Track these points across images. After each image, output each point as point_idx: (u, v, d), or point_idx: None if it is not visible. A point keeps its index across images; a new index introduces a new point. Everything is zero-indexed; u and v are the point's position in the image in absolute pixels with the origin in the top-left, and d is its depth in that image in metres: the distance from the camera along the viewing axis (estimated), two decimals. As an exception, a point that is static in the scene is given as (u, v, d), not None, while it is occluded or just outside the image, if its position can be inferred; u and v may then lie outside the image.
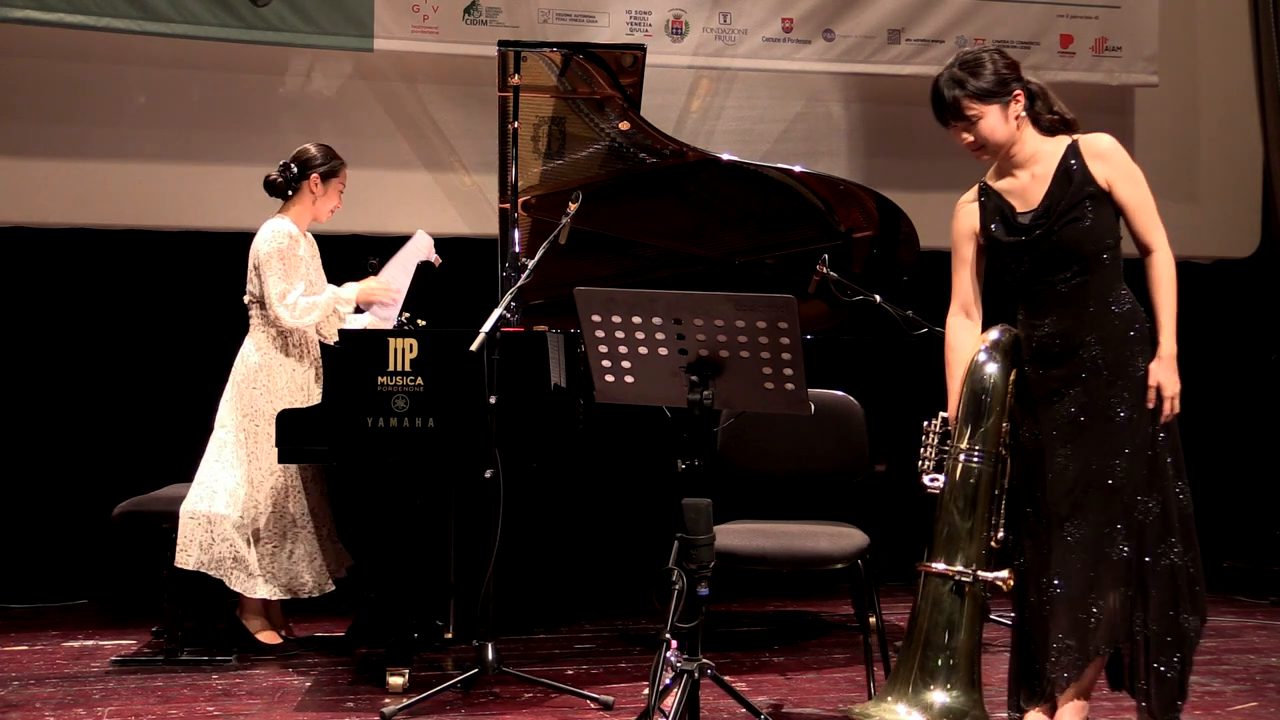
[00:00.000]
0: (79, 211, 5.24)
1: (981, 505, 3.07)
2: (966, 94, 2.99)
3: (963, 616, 3.03)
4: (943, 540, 3.08)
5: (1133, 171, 3.04)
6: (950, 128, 3.08)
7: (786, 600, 5.36)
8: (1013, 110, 3.03)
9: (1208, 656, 4.31)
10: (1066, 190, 3.00)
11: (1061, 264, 3.01)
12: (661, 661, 2.83)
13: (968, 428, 3.10)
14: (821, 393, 3.58)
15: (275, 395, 4.26)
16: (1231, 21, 6.31)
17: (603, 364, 2.96)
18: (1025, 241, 3.03)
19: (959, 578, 3.03)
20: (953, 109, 3.02)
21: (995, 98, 3.00)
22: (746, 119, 5.75)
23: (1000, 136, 3.03)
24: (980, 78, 3.00)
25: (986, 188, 3.14)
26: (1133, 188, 3.03)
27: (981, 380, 3.12)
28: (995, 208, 3.10)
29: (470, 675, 3.69)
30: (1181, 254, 6.77)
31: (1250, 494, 6.23)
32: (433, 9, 5.31)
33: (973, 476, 3.07)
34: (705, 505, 2.85)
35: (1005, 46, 5.73)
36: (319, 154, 4.42)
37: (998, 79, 3.01)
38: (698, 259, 4.75)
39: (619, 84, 4.37)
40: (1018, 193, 3.08)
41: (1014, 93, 3.02)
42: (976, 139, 3.04)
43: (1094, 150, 3.04)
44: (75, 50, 5.15)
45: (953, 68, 3.04)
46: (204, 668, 4.13)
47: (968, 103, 3.00)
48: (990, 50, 3.08)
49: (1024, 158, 3.07)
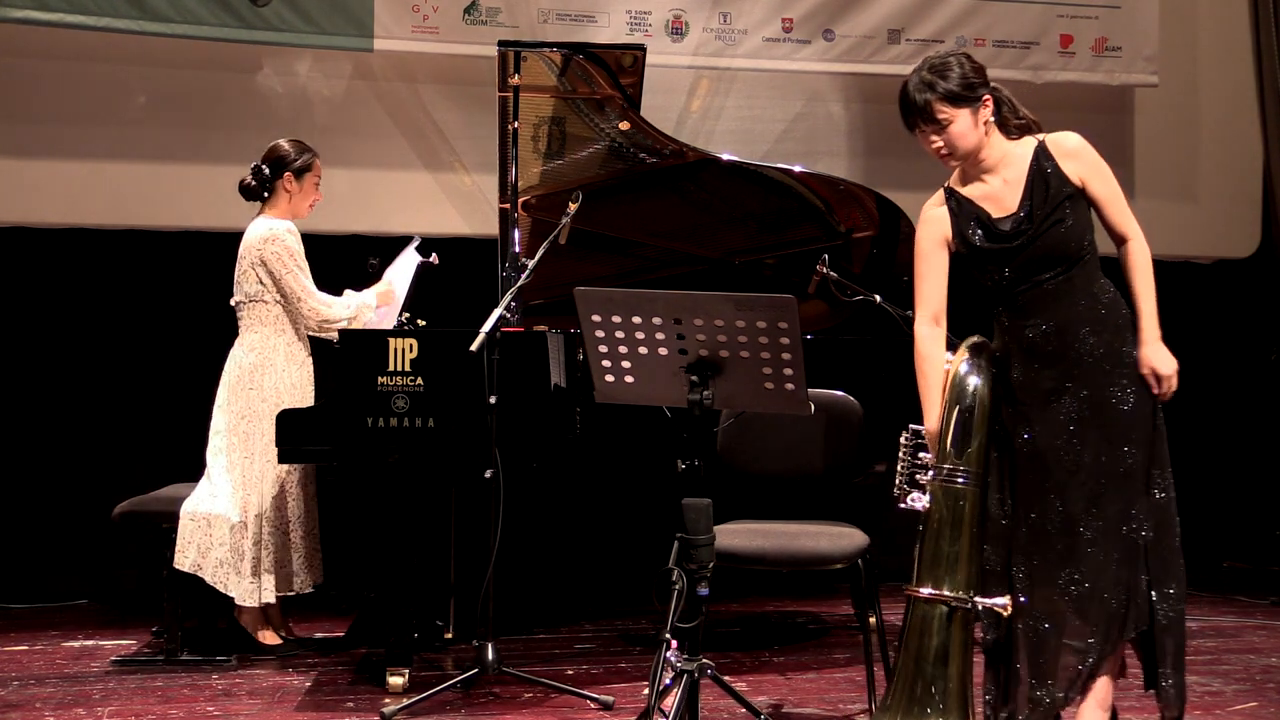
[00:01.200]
0: (78, 211, 5.24)
1: (970, 528, 3.00)
2: (937, 96, 2.95)
3: (954, 643, 2.96)
4: (929, 564, 3.00)
5: (1102, 167, 3.03)
6: (918, 132, 3.03)
7: (786, 600, 5.36)
8: (982, 115, 2.99)
9: (1208, 656, 4.31)
10: (1045, 194, 2.98)
11: (1046, 266, 2.99)
12: (661, 661, 2.83)
13: (953, 447, 3.03)
14: (821, 393, 3.58)
15: (268, 396, 4.26)
16: (1231, 21, 6.31)
17: (603, 364, 2.96)
18: (1010, 248, 3.01)
19: (954, 604, 2.96)
20: (923, 112, 2.97)
21: (965, 102, 2.96)
22: (746, 119, 5.75)
23: (969, 142, 2.99)
24: (950, 80, 2.96)
25: (954, 193, 3.08)
26: (1103, 183, 3.01)
27: (966, 396, 3.04)
28: (970, 214, 3.06)
29: (470, 675, 3.69)
30: (1181, 254, 6.82)
31: (1250, 494, 6.23)
32: (433, 9, 5.31)
33: (961, 498, 2.99)
34: (705, 505, 2.85)
35: (1005, 46, 5.81)
36: (290, 150, 4.39)
37: (967, 83, 2.97)
38: (698, 259, 4.75)
39: (619, 84, 4.36)
40: (991, 199, 3.04)
41: (983, 97, 3.00)
42: (945, 143, 2.99)
43: (1064, 150, 3.01)
44: (75, 50, 5.15)
45: (921, 71, 3.01)
46: (204, 668, 4.13)
47: (939, 106, 2.95)
48: (957, 54, 3.05)
49: (992, 162, 3.04)
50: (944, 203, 3.10)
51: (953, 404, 3.05)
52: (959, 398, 3.05)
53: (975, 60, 3.04)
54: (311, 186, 4.44)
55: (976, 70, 3.01)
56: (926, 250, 3.11)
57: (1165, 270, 6.50)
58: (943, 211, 3.09)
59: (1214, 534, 6.20)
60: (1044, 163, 2.99)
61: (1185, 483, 6.71)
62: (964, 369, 3.07)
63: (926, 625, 2.97)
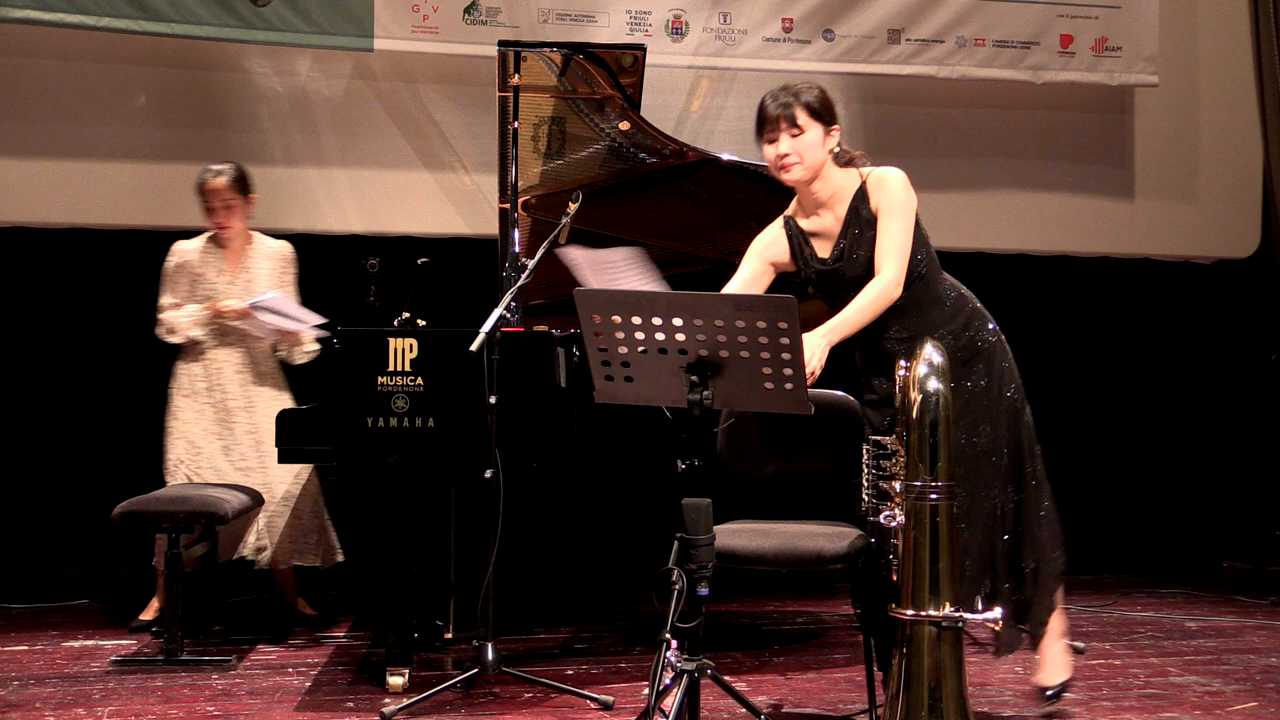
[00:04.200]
0: (79, 211, 5.24)
1: (948, 543, 2.99)
2: (801, 103, 3.22)
3: (946, 660, 2.95)
4: (913, 585, 2.98)
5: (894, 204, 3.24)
6: (767, 136, 3.27)
7: (786, 600, 5.36)
8: (829, 140, 3.26)
9: (1208, 656, 4.31)
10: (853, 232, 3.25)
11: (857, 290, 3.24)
12: (661, 661, 2.83)
13: (921, 463, 3.02)
14: (821, 393, 3.58)
15: None
16: (1231, 21, 6.31)
17: (602, 364, 2.96)
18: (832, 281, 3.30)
19: (944, 624, 2.95)
20: (785, 115, 3.22)
21: (820, 120, 3.24)
22: (746, 119, 5.66)
23: (815, 156, 3.24)
24: (810, 96, 3.25)
25: (791, 222, 3.38)
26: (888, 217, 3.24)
27: (933, 409, 3.02)
28: (802, 245, 3.35)
29: (470, 675, 3.69)
30: (1181, 254, 6.82)
31: (1250, 494, 6.23)
32: (433, 9, 5.31)
33: (936, 514, 2.99)
34: (705, 505, 2.85)
35: (1005, 47, 5.81)
36: None
37: (825, 104, 3.26)
38: (698, 259, 4.74)
39: (619, 84, 4.36)
40: (820, 233, 3.33)
41: (833, 126, 3.27)
42: (794, 151, 3.22)
43: (871, 185, 3.27)
44: (75, 50, 5.15)
45: (784, 86, 3.30)
46: (204, 668, 4.13)
47: (799, 111, 3.22)
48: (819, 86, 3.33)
49: (825, 197, 3.30)
50: (782, 227, 3.40)
51: (921, 417, 3.03)
52: (925, 409, 3.03)
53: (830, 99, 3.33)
54: (204, 208, 4.69)
55: (831, 104, 3.31)
56: (750, 255, 3.40)
57: (1165, 270, 6.55)
58: (780, 230, 3.39)
59: (1214, 534, 6.20)
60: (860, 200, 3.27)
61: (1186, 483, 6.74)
62: (922, 370, 3.05)
63: (916, 646, 2.96)
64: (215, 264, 4.68)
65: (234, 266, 4.69)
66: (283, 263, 4.75)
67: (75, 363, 5.29)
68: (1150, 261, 6.20)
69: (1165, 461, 6.15)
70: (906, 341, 3.19)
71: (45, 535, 5.21)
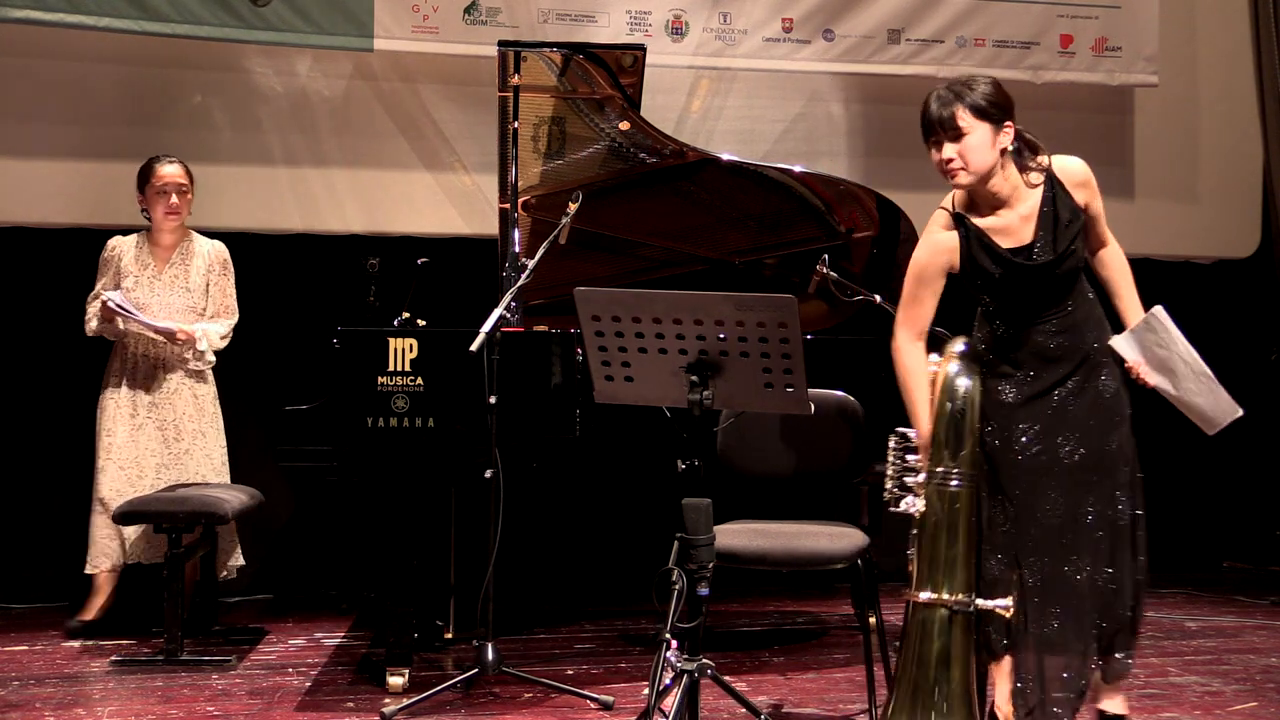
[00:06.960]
0: (79, 211, 5.23)
1: (966, 530, 3.01)
2: (963, 104, 2.97)
3: (956, 646, 2.97)
4: (927, 569, 3.01)
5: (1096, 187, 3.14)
6: (932, 142, 3.03)
7: (786, 600, 5.36)
8: (1000, 138, 3.00)
9: (1208, 657, 4.31)
10: (1059, 227, 3.03)
11: (1062, 291, 3.06)
12: (661, 661, 2.83)
13: (945, 450, 3.04)
14: (821, 393, 3.58)
15: None
16: (1231, 21, 6.30)
17: (602, 364, 2.96)
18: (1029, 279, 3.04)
19: (955, 608, 2.97)
20: (943, 119, 2.98)
21: (987, 118, 2.98)
22: (746, 119, 5.74)
23: (982, 159, 2.99)
24: (976, 93, 2.99)
25: (964, 220, 3.09)
26: (1099, 202, 3.13)
27: (958, 398, 3.06)
28: (982, 245, 3.06)
29: (470, 675, 3.69)
30: (1181, 254, 6.81)
31: (1250, 494, 6.23)
32: (433, 9, 5.31)
33: (956, 501, 3.01)
34: (705, 505, 2.85)
35: (1005, 46, 5.80)
36: None
37: (992, 101, 3.00)
38: (698, 259, 4.74)
39: (619, 84, 4.36)
40: (1003, 231, 3.06)
41: (1005, 123, 3.01)
42: (959, 155, 2.99)
43: (1074, 180, 3.09)
44: (75, 50, 5.15)
45: (950, 83, 3.06)
46: (204, 668, 4.13)
47: (961, 112, 2.97)
48: (991, 78, 3.08)
49: (1005, 195, 3.06)
50: (953, 227, 3.10)
51: (944, 406, 3.06)
52: (950, 400, 3.06)
53: (1006, 90, 3.07)
54: (153, 196, 4.64)
55: (1006, 97, 3.04)
56: (929, 276, 3.12)
57: (1165, 270, 6.55)
58: (952, 238, 3.10)
59: (1214, 534, 6.20)
60: (1054, 194, 3.05)
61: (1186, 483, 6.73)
62: (953, 370, 3.09)
63: (927, 629, 2.98)
64: (142, 258, 4.67)
65: (160, 262, 4.68)
66: (218, 264, 4.73)
67: (75, 363, 5.27)
68: (1150, 261, 6.17)
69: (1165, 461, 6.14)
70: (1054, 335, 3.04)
71: (45, 535, 5.20)
